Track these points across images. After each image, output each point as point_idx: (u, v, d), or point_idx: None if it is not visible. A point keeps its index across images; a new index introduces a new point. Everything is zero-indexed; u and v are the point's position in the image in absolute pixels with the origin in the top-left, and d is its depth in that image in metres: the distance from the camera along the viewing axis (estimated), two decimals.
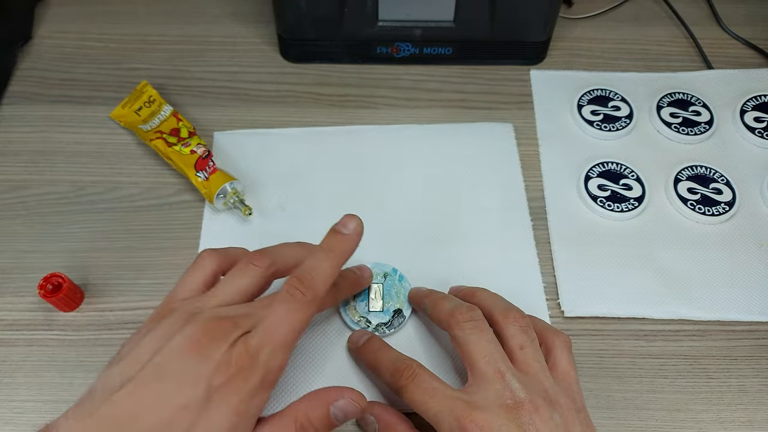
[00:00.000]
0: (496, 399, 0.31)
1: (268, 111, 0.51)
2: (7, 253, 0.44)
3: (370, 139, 0.49)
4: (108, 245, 0.44)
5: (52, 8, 0.58)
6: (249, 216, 0.45)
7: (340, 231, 0.34)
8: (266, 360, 0.29)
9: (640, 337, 0.41)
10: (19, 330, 0.41)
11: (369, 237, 0.44)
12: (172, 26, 0.57)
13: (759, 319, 0.42)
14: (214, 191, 0.44)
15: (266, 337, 0.30)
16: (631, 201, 0.46)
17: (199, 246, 0.44)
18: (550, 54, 0.55)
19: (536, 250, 0.44)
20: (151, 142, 0.47)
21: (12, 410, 0.38)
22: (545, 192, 0.47)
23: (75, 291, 0.41)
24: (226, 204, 0.45)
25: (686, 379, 0.40)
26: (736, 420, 0.38)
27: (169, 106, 0.49)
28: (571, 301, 0.42)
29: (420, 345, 0.40)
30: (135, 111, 0.49)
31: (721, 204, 0.46)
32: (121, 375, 0.28)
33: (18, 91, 0.52)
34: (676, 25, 0.58)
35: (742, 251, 0.45)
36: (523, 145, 0.50)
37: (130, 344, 0.30)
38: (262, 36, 0.56)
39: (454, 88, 0.53)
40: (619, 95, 0.52)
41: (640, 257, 0.44)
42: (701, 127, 0.50)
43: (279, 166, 0.48)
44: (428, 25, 0.51)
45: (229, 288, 0.32)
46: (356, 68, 0.54)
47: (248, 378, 0.29)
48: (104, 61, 0.54)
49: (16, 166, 0.48)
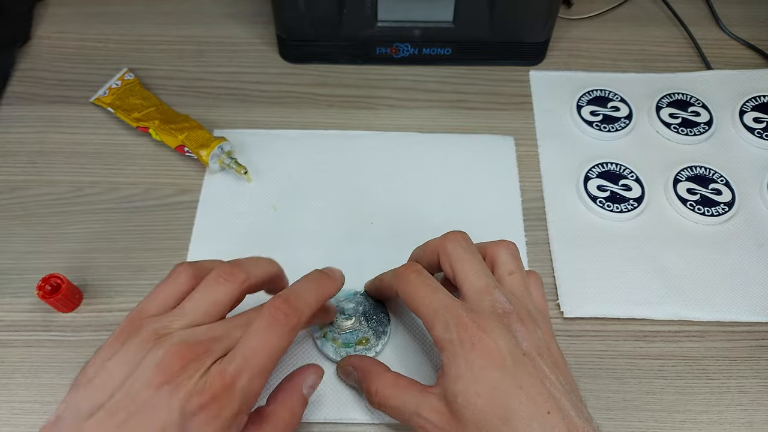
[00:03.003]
0: (489, 307, 0.32)
1: (267, 111, 0.51)
2: (5, 253, 0.44)
3: (368, 145, 0.49)
4: (107, 246, 0.44)
5: (51, 9, 0.58)
6: (245, 175, 0.46)
7: (326, 272, 0.35)
8: (244, 387, 0.28)
9: (640, 337, 0.41)
10: (17, 331, 0.41)
11: (362, 243, 0.44)
12: (171, 27, 0.57)
13: (759, 319, 0.42)
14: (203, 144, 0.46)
15: (244, 364, 0.28)
16: (631, 202, 0.46)
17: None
18: (550, 54, 0.55)
19: (527, 259, 0.44)
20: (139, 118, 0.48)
21: (10, 411, 0.38)
22: (544, 193, 0.47)
23: (74, 292, 0.41)
24: (221, 163, 0.46)
25: (685, 380, 0.40)
26: (736, 421, 0.38)
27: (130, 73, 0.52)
28: (571, 301, 0.42)
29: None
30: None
31: (720, 204, 0.46)
32: (89, 402, 0.27)
33: (17, 91, 0.52)
34: (676, 26, 0.58)
35: (741, 252, 0.45)
36: (523, 146, 0.50)
37: (95, 365, 0.29)
38: (261, 36, 0.56)
39: (453, 88, 0.53)
40: (618, 96, 0.52)
41: (640, 258, 0.44)
42: (701, 127, 0.50)
43: (276, 167, 0.48)
44: (427, 26, 0.51)
45: (199, 305, 0.30)
46: (355, 69, 0.54)
47: (224, 407, 0.28)
48: (103, 61, 0.54)
49: (14, 166, 0.48)
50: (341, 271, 0.36)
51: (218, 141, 0.46)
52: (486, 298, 0.33)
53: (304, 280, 0.33)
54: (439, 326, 0.32)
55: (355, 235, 0.45)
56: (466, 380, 0.30)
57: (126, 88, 0.51)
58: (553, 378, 0.31)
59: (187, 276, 0.32)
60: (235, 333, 0.29)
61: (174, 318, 0.30)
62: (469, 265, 0.34)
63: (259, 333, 0.29)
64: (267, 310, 0.30)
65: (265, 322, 0.29)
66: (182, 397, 0.27)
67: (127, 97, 0.50)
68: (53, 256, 0.44)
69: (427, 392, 0.32)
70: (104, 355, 0.29)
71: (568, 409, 0.30)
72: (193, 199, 0.46)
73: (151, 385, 0.27)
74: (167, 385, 0.27)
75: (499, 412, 0.29)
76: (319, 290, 0.33)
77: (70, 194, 0.47)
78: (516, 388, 0.30)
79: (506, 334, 0.31)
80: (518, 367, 0.30)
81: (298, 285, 0.33)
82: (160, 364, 0.27)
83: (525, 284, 0.35)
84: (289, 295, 0.31)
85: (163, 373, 0.27)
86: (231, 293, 0.31)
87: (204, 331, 0.29)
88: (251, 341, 0.29)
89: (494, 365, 0.30)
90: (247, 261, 0.33)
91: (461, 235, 0.35)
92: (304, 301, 0.31)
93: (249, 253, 0.35)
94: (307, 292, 0.32)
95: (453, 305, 0.32)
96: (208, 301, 0.30)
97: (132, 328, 0.29)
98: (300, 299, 0.31)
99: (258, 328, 0.29)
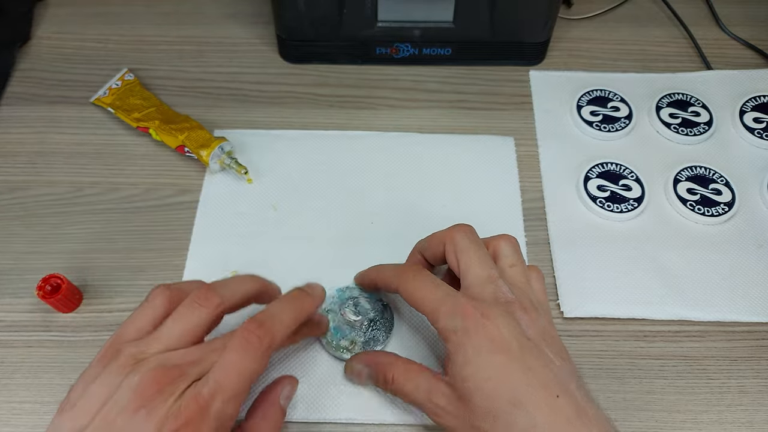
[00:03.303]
0: (491, 295, 0.33)
1: (267, 111, 0.51)
2: (5, 254, 0.44)
3: (368, 146, 0.49)
4: (107, 246, 0.44)
5: (51, 9, 0.58)
6: (245, 175, 0.46)
7: (305, 290, 0.35)
8: (218, 411, 0.28)
9: (640, 338, 0.41)
10: (17, 331, 0.41)
11: (362, 243, 0.44)
12: (170, 27, 0.57)
13: (759, 319, 0.42)
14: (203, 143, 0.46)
15: (217, 387, 0.28)
16: (631, 202, 0.46)
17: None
18: (550, 54, 0.55)
19: (527, 259, 0.44)
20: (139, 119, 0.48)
21: (10, 411, 0.38)
22: (544, 193, 0.47)
23: (74, 292, 0.41)
24: (222, 164, 0.46)
25: (686, 380, 0.40)
26: (736, 421, 0.38)
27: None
28: (571, 301, 0.42)
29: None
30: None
31: (720, 204, 0.46)
32: (72, 424, 0.28)
33: (17, 92, 0.52)
34: (676, 26, 0.58)
35: (741, 252, 0.45)
36: (523, 146, 0.50)
37: (78, 390, 0.29)
38: (261, 37, 0.56)
39: (453, 88, 0.53)
40: (618, 96, 0.52)
41: (640, 258, 0.44)
42: (701, 127, 0.50)
43: (276, 167, 0.48)
44: (427, 26, 0.51)
45: (174, 330, 0.30)
46: (355, 69, 0.54)
47: (199, 430, 0.28)
48: (103, 62, 0.54)
49: (14, 167, 0.48)
50: (322, 287, 0.36)
51: (218, 141, 0.46)
52: (489, 287, 0.33)
53: (280, 300, 0.34)
54: (444, 318, 0.32)
55: (355, 235, 0.45)
56: (474, 365, 0.31)
57: (126, 89, 0.51)
58: (559, 363, 0.32)
59: (163, 299, 0.32)
60: (211, 357, 0.30)
61: (150, 343, 0.30)
62: (475, 255, 0.35)
63: (232, 356, 0.29)
64: (240, 334, 0.30)
65: (237, 345, 0.30)
66: (157, 421, 0.27)
67: (127, 97, 0.50)
68: (53, 257, 0.44)
69: (437, 378, 0.33)
70: (87, 379, 0.30)
71: (576, 393, 0.31)
72: (193, 200, 0.46)
73: (128, 410, 0.28)
74: (143, 409, 0.27)
75: (508, 396, 0.30)
76: (296, 310, 0.33)
77: (70, 194, 0.47)
78: (524, 372, 0.30)
79: (510, 321, 0.32)
80: (525, 352, 0.31)
81: (273, 306, 0.33)
82: (137, 388, 0.28)
83: (526, 276, 0.36)
84: (264, 318, 0.31)
85: (140, 397, 0.28)
86: (205, 318, 0.31)
87: (180, 356, 0.30)
88: (224, 365, 0.29)
89: (501, 350, 0.31)
90: (222, 284, 0.33)
91: (468, 228, 0.36)
92: (279, 323, 0.32)
93: (249, 253, 0.35)
94: (282, 313, 0.32)
95: (455, 296, 0.33)
96: (183, 326, 0.31)
97: (112, 353, 0.30)
98: (275, 321, 0.31)
99: (230, 352, 0.30)
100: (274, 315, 0.32)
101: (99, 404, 0.28)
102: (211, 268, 0.43)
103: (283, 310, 0.33)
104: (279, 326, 0.31)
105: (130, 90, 0.51)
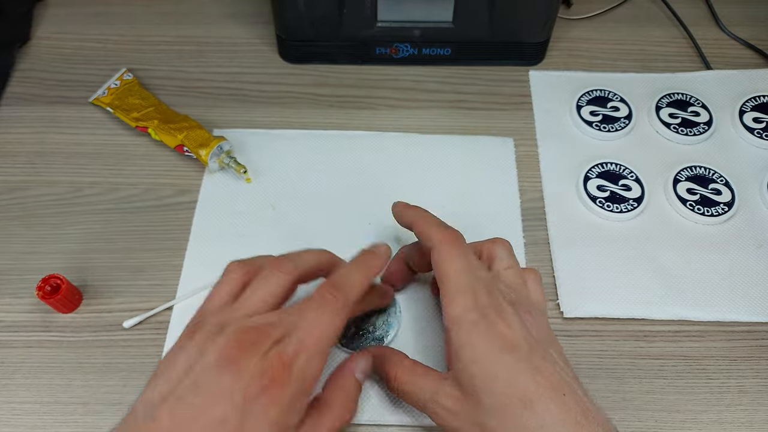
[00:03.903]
0: (492, 295, 0.33)
1: (267, 111, 0.51)
2: (5, 254, 0.44)
3: (367, 145, 0.49)
4: (106, 246, 0.44)
5: (50, 9, 0.58)
6: (244, 175, 0.46)
7: (371, 251, 0.36)
8: (302, 368, 0.29)
9: (640, 337, 0.41)
10: (17, 331, 0.41)
11: (360, 243, 0.44)
12: (170, 27, 0.57)
13: (758, 319, 0.42)
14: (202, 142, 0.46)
15: (300, 345, 0.30)
16: (631, 202, 0.46)
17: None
18: (549, 54, 0.55)
19: (527, 259, 0.44)
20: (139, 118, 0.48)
21: (10, 412, 0.38)
22: (544, 193, 0.47)
23: (73, 292, 0.41)
24: (221, 163, 0.46)
25: (686, 379, 0.40)
26: (736, 421, 0.38)
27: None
28: (571, 301, 0.42)
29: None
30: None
31: (720, 204, 0.46)
32: (159, 392, 0.28)
33: (16, 92, 0.52)
34: (675, 26, 0.58)
35: (741, 252, 0.45)
36: (522, 146, 0.50)
37: (166, 362, 0.30)
38: (261, 37, 0.56)
39: (453, 88, 0.53)
40: (618, 96, 0.52)
41: (640, 258, 0.44)
42: (700, 127, 0.50)
43: (275, 167, 0.48)
44: (427, 26, 0.51)
45: (255, 297, 0.32)
46: (355, 69, 0.54)
47: (284, 388, 0.29)
48: (102, 62, 0.54)
49: (14, 167, 0.48)
50: (386, 246, 0.37)
51: (217, 140, 0.46)
52: (485, 289, 0.33)
53: (350, 262, 0.35)
54: (458, 306, 0.32)
55: (353, 235, 0.45)
56: (483, 363, 0.31)
57: (125, 88, 0.51)
58: (562, 363, 0.32)
59: (239, 272, 0.33)
60: (290, 319, 0.31)
61: (233, 310, 0.31)
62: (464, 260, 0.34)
63: (311, 315, 0.31)
64: (316, 294, 0.32)
65: (315, 305, 0.31)
66: (244, 380, 0.28)
67: (126, 97, 0.50)
68: (53, 257, 0.44)
69: (442, 379, 0.33)
70: (173, 351, 0.31)
71: (580, 393, 0.31)
72: (192, 200, 0.46)
73: (214, 370, 0.28)
74: (230, 368, 0.28)
75: (519, 394, 0.30)
76: (365, 269, 0.35)
77: (70, 195, 0.47)
78: (533, 371, 0.31)
79: (519, 321, 0.32)
80: (533, 352, 0.31)
81: (344, 269, 0.34)
82: (222, 350, 0.29)
83: (522, 278, 0.36)
84: (336, 279, 0.33)
85: (225, 358, 0.28)
86: (283, 283, 0.33)
87: (263, 319, 0.31)
88: (305, 324, 0.30)
89: (510, 349, 0.31)
90: (295, 254, 0.35)
91: (455, 235, 0.36)
92: (351, 282, 0.33)
93: (248, 253, 0.35)
94: (352, 273, 0.34)
95: (478, 289, 0.33)
96: (264, 291, 0.32)
97: (196, 325, 0.31)
98: (347, 281, 0.33)
99: (310, 311, 0.31)
100: (346, 275, 0.33)
101: (185, 369, 0.29)
102: (209, 267, 0.42)
103: (353, 271, 0.34)
104: (352, 285, 0.33)
105: (129, 90, 0.51)
